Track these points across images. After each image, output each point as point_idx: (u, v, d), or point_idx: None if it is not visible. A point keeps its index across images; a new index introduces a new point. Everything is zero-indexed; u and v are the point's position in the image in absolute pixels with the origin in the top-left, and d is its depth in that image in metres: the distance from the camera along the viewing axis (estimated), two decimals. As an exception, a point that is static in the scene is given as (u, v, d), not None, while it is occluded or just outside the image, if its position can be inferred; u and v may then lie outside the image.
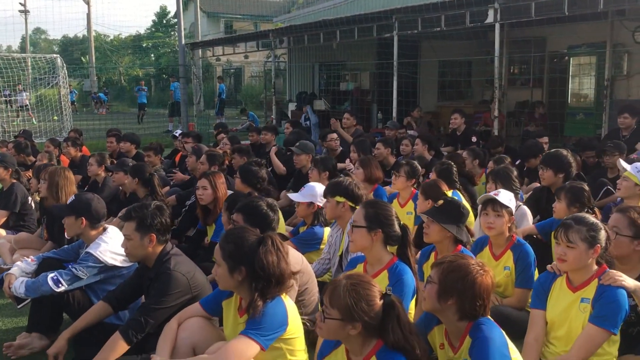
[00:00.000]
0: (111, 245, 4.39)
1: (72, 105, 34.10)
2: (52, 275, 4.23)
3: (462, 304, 2.85)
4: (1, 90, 24.27)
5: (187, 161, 8.32)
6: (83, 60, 47.22)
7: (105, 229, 4.53)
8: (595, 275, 3.44)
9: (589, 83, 16.20)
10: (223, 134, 11.05)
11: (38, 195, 6.72)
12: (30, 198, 7.12)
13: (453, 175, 6.39)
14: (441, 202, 4.16)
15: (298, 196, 5.43)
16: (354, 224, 3.76)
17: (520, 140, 12.90)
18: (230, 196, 5.20)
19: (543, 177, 6.08)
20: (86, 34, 44.30)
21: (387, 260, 3.76)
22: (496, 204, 4.39)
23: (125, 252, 3.96)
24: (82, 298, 4.42)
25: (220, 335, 3.46)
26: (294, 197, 5.49)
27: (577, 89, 16.66)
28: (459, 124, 10.91)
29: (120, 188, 7.23)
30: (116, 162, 7.68)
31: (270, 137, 10.23)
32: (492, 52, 11.62)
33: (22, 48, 52.33)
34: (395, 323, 2.76)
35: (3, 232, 6.59)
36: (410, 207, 6.11)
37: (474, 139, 10.69)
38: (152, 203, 3.94)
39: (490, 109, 12.34)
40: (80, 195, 4.65)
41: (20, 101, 26.38)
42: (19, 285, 4.27)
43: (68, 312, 4.45)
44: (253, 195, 5.41)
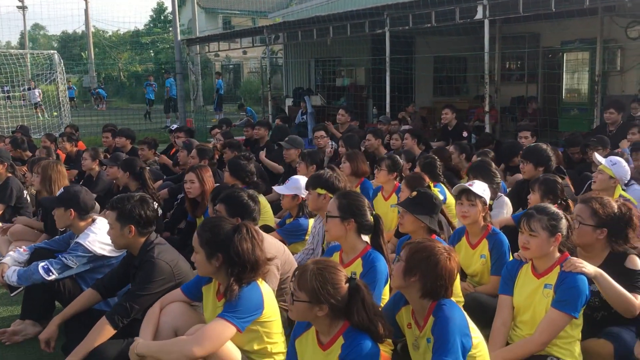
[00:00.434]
0: (100, 236, 4.57)
1: (72, 101, 34.34)
2: (42, 264, 4.41)
3: (425, 282, 3.03)
4: (2, 87, 24.46)
5: (178, 155, 8.50)
6: (83, 55, 47.33)
7: (94, 220, 4.71)
8: (558, 262, 3.60)
9: (582, 79, 16.34)
10: (217, 129, 11.28)
11: (33, 188, 6.89)
12: (25, 192, 7.30)
13: (437, 168, 6.55)
14: (415, 194, 4.33)
15: (283, 189, 5.61)
16: (328, 214, 3.93)
17: (515, 135, 13.04)
18: (215, 188, 5.37)
19: (523, 170, 6.25)
20: (85, 30, 44.41)
21: (361, 249, 3.93)
22: (470, 194, 4.56)
23: (110, 240, 4.15)
24: (73, 286, 4.60)
25: (201, 319, 3.64)
26: (278, 189, 5.67)
27: (571, 84, 16.79)
28: (449, 119, 11.08)
29: (114, 182, 7.41)
30: (109, 157, 7.85)
31: (263, 132, 10.43)
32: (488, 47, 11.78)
33: (22, 44, 52.42)
34: (360, 305, 2.94)
35: (-1, 225, 6.77)
36: (394, 200, 6.26)
37: (465, 134, 10.86)
38: (136, 195, 4.11)
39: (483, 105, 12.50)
40: (69, 187, 4.84)
41: (33, 98, 26.65)
42: (11, 274, 4.47)
43: (59, 300, 4.63)
44: (235, 187, 5.58)
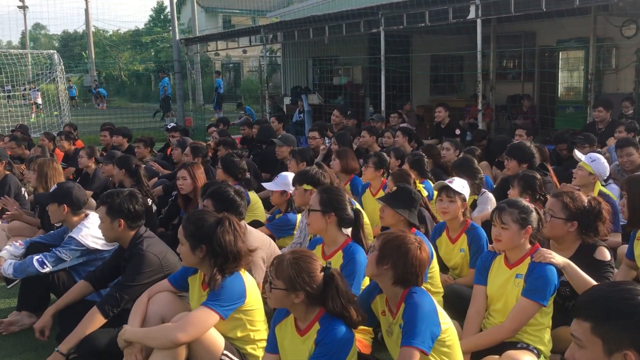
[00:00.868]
0: (92, 230, 4.74)
1: (73, 100, 34.57)
2: (37, 257, 4.58)
3: (396, 270, 3.19)
4: (3, 86, 24.63)
5: (172, 153, 8.67)
6: (84, 55, 47.58)
7: (87, 215, 4.88)
8: (529, 253, 3.77)
9: (577, 77, 16.48)
10: (214, 127, 11.48)
11: (30, 185, 7.07)
12: (23, 189, 7.47)
13: (424, 165, 6.75)
14: (395, 189, 4.50)
15: (272, 185, 5.78)
16: (310, 208, 4.11)
17: (510, 134, 13.20)
18: (205, 185, 5.54)
19: (508, 167, 6.45)
20: (85, 30, 44.62)
21: (342, 241, 4.11)
22: (449, 191, 4.73)
23: (102, 234, 4.32)
24: (67, 279, 4.77)
25: (187, 307, 3.80)
26: (268, 185, 5.84)
27: (567, 83, 16.93)
28: (442, 117, 11.27)
29: (110, 179, 7.58)
30: (105, 155, 8.03)
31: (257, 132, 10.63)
32: (484, 47, 11.91)
33: (23, 44, 52.64)
34: (335, 293, 3.10)
35: (-3, 222, 6.94)
36: (381, 195, 6.43)
37: (457, 132, 11.04)
38: (125, 191, 4.29)
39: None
40: (62, 184, 5.01)
41: (34, 98, 26.83)
42: (7, 266, 4.64)
43: (54, 292, 4.80)
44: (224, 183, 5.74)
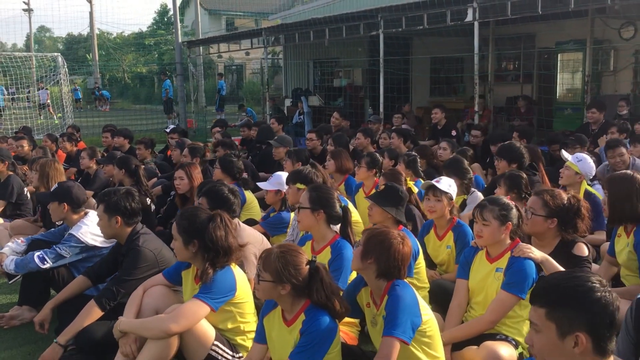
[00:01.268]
0: (91, 228, 4.91)
1: (78, 102, 34.86)
2: (38, 253, 4.76)
3: (379, 264, 3.34)
4: (7, 88, 24.84)
5: (172, 154, 8.85)
6: (88, 57, 47.87)
7: (86, 213, 5.05)
8: (509, 248, 3.93)
9: (576, 79, 16.60)
10: (218, 128, 11.69)
11: (32, 185, 7.24)
12: (26, 189, 7.64)
13: (418, 165, 6.95)
14: (382, 187, 4.66)
15: (266, 184, 5.94)
16: (300, 206, 4.27)
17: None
18: (201, 184, 5.70)
19: (498, 167, 6.61)
20: (89, 32, 44.89)
21: (330, 238, 4.27)
22: (436, 190, 4.89)
23: (100, 230, 4.49)
24: (67, 275, 4.94)
25: (180, 300, 3.96)
26: (263, 185, 6.00)
27: (565, 84, 17.05)
28: (439, 118, 11.43)
29: (111, 179, 7.74)
30: (106, 156, 8.20)
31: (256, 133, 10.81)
32: (482, 49, 12.07)
33: (27, 46, 52.96)
34: (320, 285, 3.26)
35: (0, 220, 7.11)
36: (374, 194, 6.60)
37: (453, 133, 11.19)
38: (122, 189, 4.46)
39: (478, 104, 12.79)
40: (62, 183, 5.20)
41: (43, 99, 27.04)
42: (9, 262, 4.81)
43: (54, 287, 4.97)
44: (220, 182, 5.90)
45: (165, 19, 52.24)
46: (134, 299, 3.93)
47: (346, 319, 3.86)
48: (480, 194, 6.21)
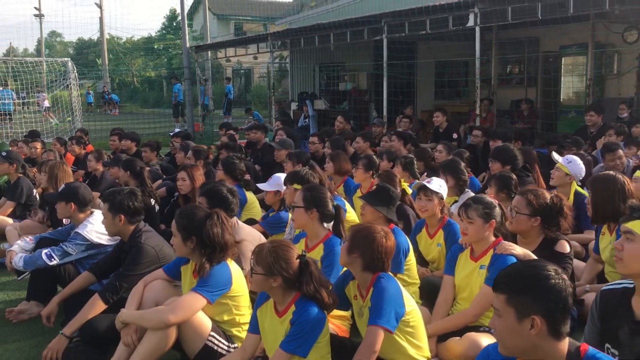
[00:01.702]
0: (97, 226, 5.13)
1: (90, 106, 35.25)
2: (45, 251, 4.98)
3: (364, 257, 3.55)
4: (18, 93, 25.14)
5: (176, 157, 9.09)
6: (98, 62, 48.33)
7: (92, 213, 5.27)
8: (492, 245, 4.11)
9: (579, 82, 16.72)
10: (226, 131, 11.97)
11: (40, 186, 7.48)
12: (35, 191, 7.88)
13: (415, 167, 7.16)
14: (374, 188, 4.85)
15: (266, 185, 6.14)
16: (294, 205, 4.47)
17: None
18: (202, 184, 5.90)
19: (492, 169, 6.78)
20: (100, 37, 45.33)
21: (323, 235, 4.47)
22: (427, 190, 5.08)
23: (105, 228, 4.71)
24: (73, 271, 5.15)
25: (179, 294, 4.15)
26: (262, 186, 6.20)
27: (569, 88, 17.17)
28: (440, 121, 11.63)
29: (117, 181, 7.96)
30: (112, 158, 8.43)
31: (260, 136, 11.06)
32: (487, 52, 12.22)
33: (38, 51, 53.50)
34: (309, 278, 3.45)
35: (10, 221, 7.34)
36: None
37: (454, 136, 11.38)
38: (126, 189, 4.68)
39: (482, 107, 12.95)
40: (69, 184, 5.44)
41: (42, 103, 27.31)
42: (18, 259, 5.04)
43: (61, 283, 5.18)
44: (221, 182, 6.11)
45: (174, 24, 52.60)
46: (135, 293, 4.13)
47: (338, 313, 4.07)
48: (472, 194, 6.39)
